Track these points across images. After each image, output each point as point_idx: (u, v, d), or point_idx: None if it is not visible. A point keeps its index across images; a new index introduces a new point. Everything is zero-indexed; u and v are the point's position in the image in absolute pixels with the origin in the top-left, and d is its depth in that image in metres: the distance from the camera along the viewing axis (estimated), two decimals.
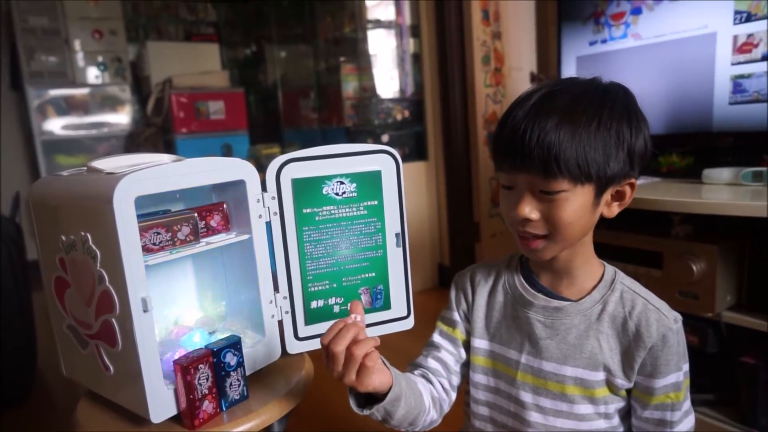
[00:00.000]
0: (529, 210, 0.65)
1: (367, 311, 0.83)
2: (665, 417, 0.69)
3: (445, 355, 0.78)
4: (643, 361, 0.67)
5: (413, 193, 2.76)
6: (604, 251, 1.43)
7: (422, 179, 2.77)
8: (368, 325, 0.83)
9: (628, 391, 0.70)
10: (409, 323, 0.87)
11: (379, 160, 0.81)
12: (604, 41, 1.63)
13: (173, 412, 0.66)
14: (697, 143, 1.46)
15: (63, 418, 1.80)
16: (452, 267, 2.78)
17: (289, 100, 3.60)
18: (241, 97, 3.60)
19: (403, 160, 2.76)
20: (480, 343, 0.77)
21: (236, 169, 0.73)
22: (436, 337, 0.80)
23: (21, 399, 1.88)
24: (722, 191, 1.26)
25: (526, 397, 0.72)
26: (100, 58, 3.55)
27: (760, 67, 1.29)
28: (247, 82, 3.95)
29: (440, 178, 2.79)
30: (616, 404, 0.70)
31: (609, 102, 0.65)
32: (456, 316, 0.80)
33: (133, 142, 3.48)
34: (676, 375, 0.68)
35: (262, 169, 2.67)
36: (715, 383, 1.35)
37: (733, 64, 1.34)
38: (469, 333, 0.78)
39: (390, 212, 0.83)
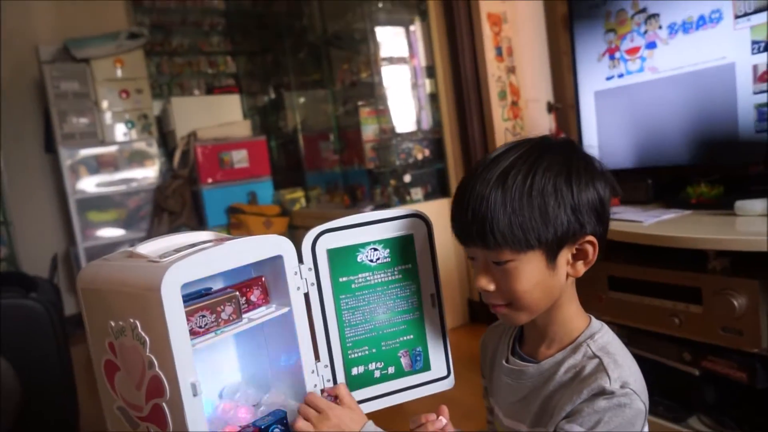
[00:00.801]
0: (486, 282, 0.66)
1: (407, 374, 0.84)
2: None
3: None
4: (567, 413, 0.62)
5: (438, 230, 2.76)
6: (641, 288, 1.41)
7: (446, 216, 2.76)
8: (409, 388, 0.84)
9: None
10: (449, 383, 0.87)
11: (411, 224, 0.82)
12: (620, 75, 1.64)
13: None
14: (726, 172, 1.45)
15: None
16: (482, 302, 2.75)
17: (310, 144, 3.68)
18: (264, 145, 3.70)
19: (426, 198, 2.77)
20: (491, 401, 0.79)
21: (274, 245, 0.75)
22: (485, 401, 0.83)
23: None
24: (757, 223, 1.23)
25: None
26: (127, 116, 3.70)
27: None
28: (268, 128, 4.06)
29: None
30: None
31: (545, 162, 0.63)
32: (483, 382, 0.83)
33: (161, 194, 3.58)
34: (579, 429, 0.60)
35: (287, 213, 2.71)
36: None
37: (755, 93, 1.33)
38: None
39: (424, 274, 0.83)
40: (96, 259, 0.81)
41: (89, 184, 3.55)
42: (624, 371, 0.62)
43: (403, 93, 2.88)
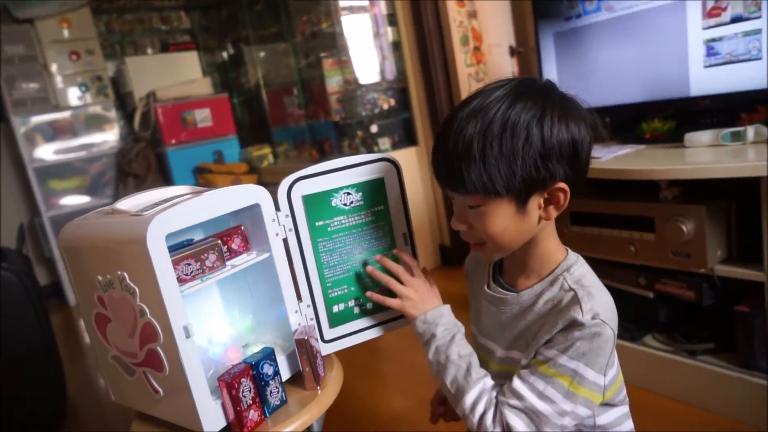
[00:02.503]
0: (458, 223, 0.71)
1: (383, 309, 0.88)
2: (515, 375, 0.69)
3: None
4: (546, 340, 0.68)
5: (408, 178, 2.81)
6: (600, 220, 1.50)
7: (414, 164, 2.82)
8: (385, 322, 0.89)
9: None
10: None
11: (381, 168, 0.86)
12: (578, 16, 1.67)
13: (223, 423, 0.72)
14: (678, 108, 1.52)
15: None
16: (453, 247, 2.85)
17: (274, 99, 3.62)
18: (226, 102, 3.63)
19: (394, 148, 2.78)
20: (471, 325, 0.86)
21: (251, 194, 0.78)
22: None
23: (57, 426, 1.94)
24: (704, 153, 1.32)
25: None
26: (79, 79, 3.56)
27: (730, 30, 1.34)
28: (230, 86, 3.96)
29: None
30: None
31: (518, 107, 0.63)
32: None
33: (124, 158, 3.51)
34: (554, 353, 0.66)
35: (255, 170, 2.71)
36: (714, 333, 1.43)
37: (704, 29, 1.39)
38: None
39: (396, 214, 0.87)
40: (74, 219, 0.82)
41: (47, 152, 3.44)
42: (596, 302, 0.66)
43: (365, 43, 2.84)
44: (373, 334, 0.89)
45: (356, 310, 0.88)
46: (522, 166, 0.63)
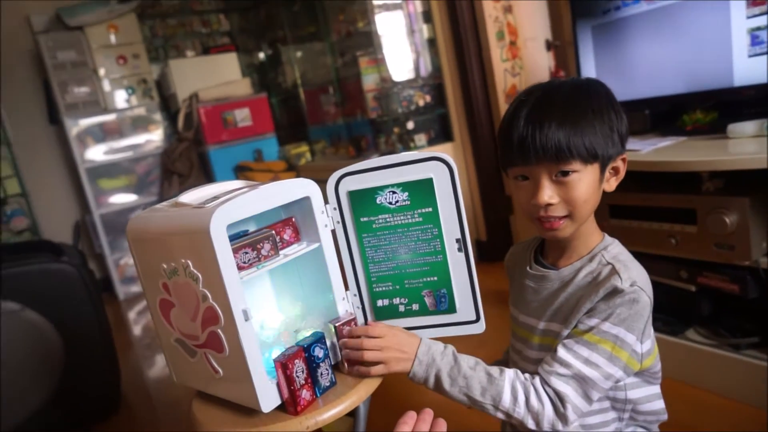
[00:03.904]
0: (550, 195, 0.75)
1: (431, 313, 0.87)
2: (556, 346, 0.76)
3: None
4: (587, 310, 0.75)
5: None
6: (639, 213, 1.49)
7: None
8: (435, 326, 0.87)
9: None
10: (479, 327, 0.85)
11: (432, 168, 0.81)
12: (617, 8, 1.66)
13: (278, 402, 0.77)
14: (720, 98, 1.49)
15: (151, 426, 1.98)
16: (489, 241, 2.86)
17: (311, 98, 3.69)
18: (265, 102, 3.72)
19: (430, 143, 2.81)
20: (511, 308, 0.92)
21: (302, 187, 0.83)
22: None
23: (111, 413, 2.05)
24: (748, 144, 1.30)
25: (522, 347, 0.86)
26: (125, 82, 3.71)
27: None
28: (268, 85, 4.06)
29: (468, 157, 2.86)
30: None
31: (595, 96, 0.76)
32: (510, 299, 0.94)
33: (168, 158, 3.65)
34: (597, 321, 0.74)
35: (293, 168, 2.78)
36: (759, 326, 1.41)
37: (748, 18, 1.36)
38: None
39: (447, 218, 0.82)
40: (140, 212, 0.89)
41: (97, 153, 3.62)
42: (632, 272, 0.75)
43: (400, 40, 2.88)
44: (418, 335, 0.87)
45: (401, 309, 0.88)
46: (611, 137, 0.75)
